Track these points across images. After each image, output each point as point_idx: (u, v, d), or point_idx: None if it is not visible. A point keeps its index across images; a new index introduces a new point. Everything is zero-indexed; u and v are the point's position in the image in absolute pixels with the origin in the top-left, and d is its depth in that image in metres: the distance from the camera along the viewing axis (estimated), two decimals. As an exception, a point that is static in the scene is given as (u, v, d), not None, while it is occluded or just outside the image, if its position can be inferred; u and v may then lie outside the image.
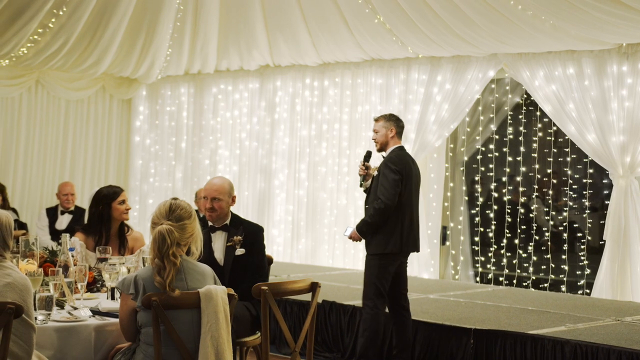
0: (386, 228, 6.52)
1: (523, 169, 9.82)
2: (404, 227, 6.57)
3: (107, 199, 5.85)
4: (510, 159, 9.92)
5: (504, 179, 9.97)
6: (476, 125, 10.19)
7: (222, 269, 5.56)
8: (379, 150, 6.73)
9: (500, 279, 9.84)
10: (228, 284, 5.32)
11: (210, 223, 5.68)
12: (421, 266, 9.89)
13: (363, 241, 6.70)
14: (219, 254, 5.63)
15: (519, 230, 9.80)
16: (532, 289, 9.35)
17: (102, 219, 5.81)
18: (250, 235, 5.65)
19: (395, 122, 6.73)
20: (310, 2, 9.72)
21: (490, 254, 10.03)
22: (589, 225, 9.29)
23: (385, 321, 6.74)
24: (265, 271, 5.78)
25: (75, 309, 4.65)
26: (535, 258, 9.66)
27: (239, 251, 5.59)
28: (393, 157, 6.61)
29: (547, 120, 9.41)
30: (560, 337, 6.15)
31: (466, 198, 10.46)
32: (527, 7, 8.08)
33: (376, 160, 6.82)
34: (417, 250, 6.77)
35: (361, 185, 6.79)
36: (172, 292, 4.13)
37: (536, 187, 9.82)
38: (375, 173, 6.60)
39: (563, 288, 9.30)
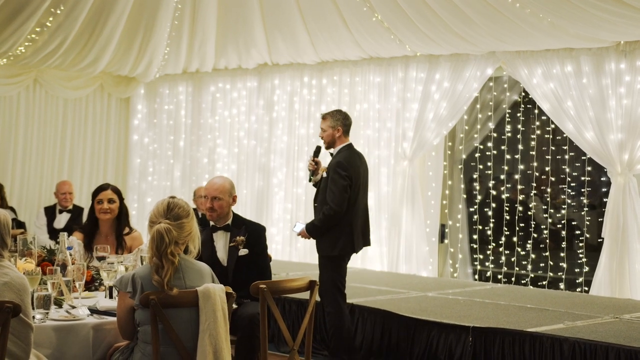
0: (336, 230, 6.64)
1: (521, 166, 9.82)
2: (354, 228, 6.70)
3: (92, 196, 5.87)
4: (508, 156, 9.92)
5: (502, 176, 9.97)
6: (474, 124, 10.19)
7: (226, 269, 5.55)
8: (327, 148, 6.80)
9: (499, 276, 9.84)
10: (232, 284, 5.33)
11: (211, 223, 5.67)
12: (420, 264, 9.89)
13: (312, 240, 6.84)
14: (221, 253, 5.62)
15: (517, 228, 9.80)
16: (531, 287, 9.36)
17: (89, 216, 5.84)
18: (253, 235, 5.64)
19: (342, 121, 6.77)
20: (308, 0, 9.71)
21: (488, 252, 10.03)
22: (588, 222, 9.29)
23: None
24: (269, 271, 5.78)
25: (74, 307, 4.65)
26: (533, 256, 9.66)
27: (242, 251, 5.59)
28: (342, 162, 6.64)
29: (545, 118, 9.41)
30: (558, 335, 6.15)
31: (464, 196, 10.46)
32: (525, 5, 8.07)
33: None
34: (369, 244, 6.97)
35: (310, 180, 6.84)
36: (171, 291, 4.13)
37: (534, 185, 9.82)
38: (325, 174, 6.66)
39: (561, 286, 9.30)
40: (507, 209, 9.84)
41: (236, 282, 5.41)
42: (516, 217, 9.80)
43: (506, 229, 9.85)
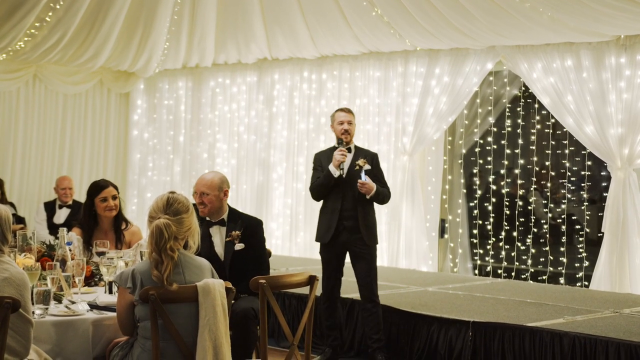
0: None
1: (521, 161, 9.81)
2: None
3: (92, 193, 5.85)
4: (508, 151, 9.91)
5: (502, 171, 9.97)
6: (474, 118, 10.18)
7: (223, 264, 5.54)
8: (349, 142, 6.84)
9: (499, 271, 9.84)
10: (229, 279, 5.33)
11: (206, 218, 5.66)
12: (420, 259, 9.89)
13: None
14: (219, 248, 5.62)
15: (517, 223, 9.80)
16: (531, 282, 9.36)
17: (87, 213, 5.81)
18: (249, 229, 5.63)
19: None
20: (307, -5, 9.71)
21: (488, 247, 10.03)
22: (587, 217, 9.28)
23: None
24: (267, 265, 5.76)
25: (73, 303, 4.64)
26: (533, 250, 9.66)
27: (239, 246, 5.58)
28: (376, 153, 7.00)
29: (545, 112, 9.40)
30: (558, 330, 6.15)
31: (464, 191, 10.45)
32: (525, -1, 8.07)
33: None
34: None
35: (336, 173, 6.69)
36: (170, 286, 4.13)
37: (534, 179, 9.82)
38: (368, 167, 6.71)
39: (561, 280, 9.30)
40: (507, 203, 9.84)
41: (233, 277, 5.41)
42: (516, 211, 9.79)
43: (506, 223, 9.85)
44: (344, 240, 6.69)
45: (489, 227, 10.05)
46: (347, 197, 6.68)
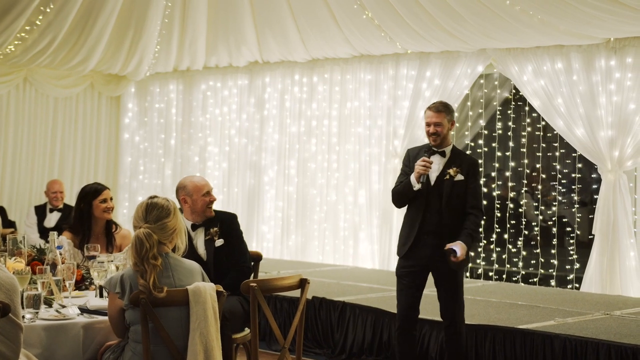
0: None
1: (512, 164, 9.83)
2: None
3: (89, 196, 5.87)
4: (499, 154, 9.93)
5: (493, 174, 9.98)
6: (465, 121, 10.19)
7: (206, 263, 5.55)
8: (438, 147, 5.89)
9: (490, 273, 9.85)
10: (214, 277, 5.34)
11: (191, 221, 5.68)
12: (411, 262, 9.87)
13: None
14: (201, 250, 5.64)
15: (508, 225, 9.82)
16: (522, 284, 9.37)
17: (82, 217, 5.82)
18: (225, 224, 5.66)
19: (453, 115, 6.02)
20: (298, -2, 9.71)
21: (479, 249, 10.04)
22: (578, 219, 9.31)
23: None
24: (248, 257, 5.73)
25: (64, 307, 4.63)
26: (524, 253, 9.67)
27: (219, 242, 5.61)
28: (477, 161, 6.04)
29: (535, 115, 9.42)
30: (549, 332, 6.16)
31: (456, 193, 10.44)
32: (515, 2, 8.08)
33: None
34: None
35: (416, 185, 5.80)
36: (159, 293, 4.10)
37: (525, 182, 9.83)
38: (460, 177, 5.77)
39: (552, 282, 9.31)
40: (498, 206, 9.85)
41: (218, 275, 5.43)
42: (507, 214, 9.81)
43: (497, 226, 9.86)
44: (423, 256, 5.82)
45: (480, 229, 10.05)
46: (431, 209, 5.78)
